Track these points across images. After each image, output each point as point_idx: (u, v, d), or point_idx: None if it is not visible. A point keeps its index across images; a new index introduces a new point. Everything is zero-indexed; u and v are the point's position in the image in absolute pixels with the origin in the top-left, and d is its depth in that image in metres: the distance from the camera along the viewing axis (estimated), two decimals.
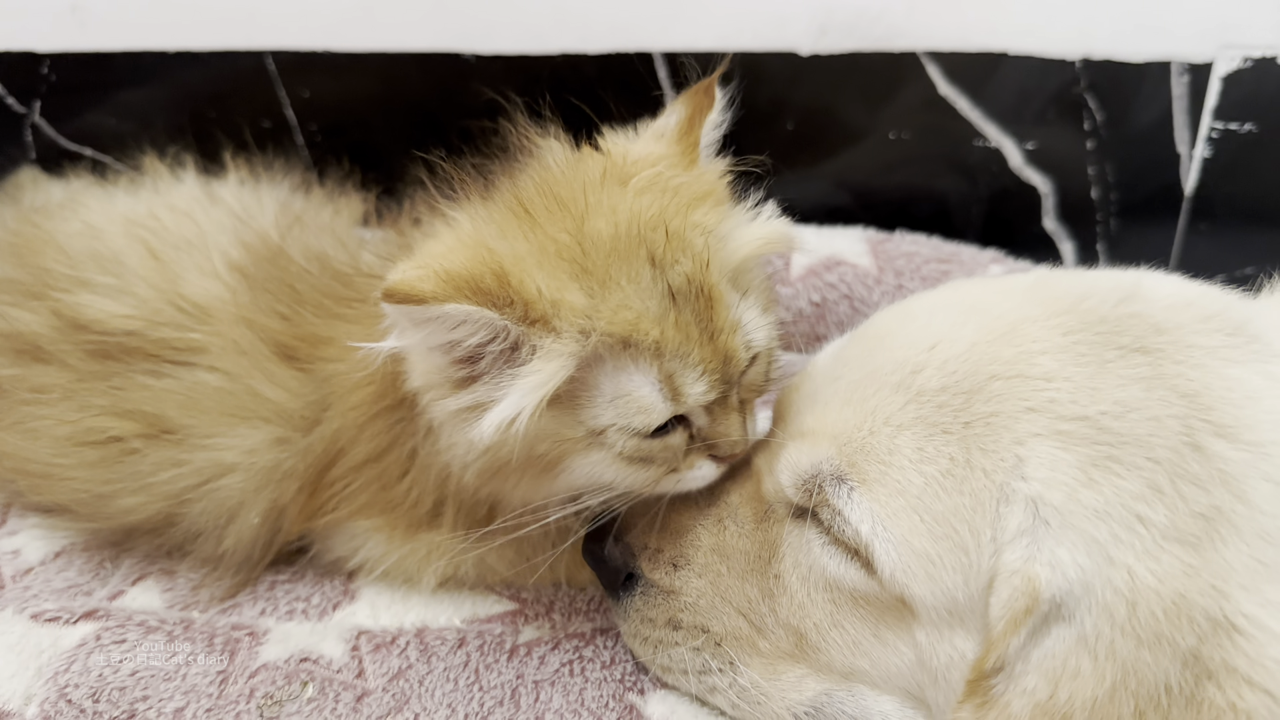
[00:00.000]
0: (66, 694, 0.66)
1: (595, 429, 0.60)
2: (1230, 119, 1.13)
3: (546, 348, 0.56)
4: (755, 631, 0.65)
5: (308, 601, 0.76)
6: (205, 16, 1.11)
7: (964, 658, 0.57)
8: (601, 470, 0.62)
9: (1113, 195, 1.17)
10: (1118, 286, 0.62)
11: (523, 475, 0.63)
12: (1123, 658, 0.52)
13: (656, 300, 0.58)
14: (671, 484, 0.65)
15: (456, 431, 0.61)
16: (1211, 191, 1.17)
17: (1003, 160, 1.16)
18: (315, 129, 1.18)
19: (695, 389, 0.60)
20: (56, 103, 1.17)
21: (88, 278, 0.78)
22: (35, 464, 0.76)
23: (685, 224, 0.61)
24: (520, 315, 0.56)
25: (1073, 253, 1.20)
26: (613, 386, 0.59)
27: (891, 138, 1.16)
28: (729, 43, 1.11)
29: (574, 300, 0.57)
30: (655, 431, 0.61)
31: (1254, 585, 0.52)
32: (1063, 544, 0.53)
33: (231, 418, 0.73)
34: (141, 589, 0.77)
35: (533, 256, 0.58)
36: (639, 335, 0.57)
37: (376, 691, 0.67)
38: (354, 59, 1.13)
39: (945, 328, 0.62)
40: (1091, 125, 1.14)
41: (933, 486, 0.57)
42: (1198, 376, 0.56)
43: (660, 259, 0.59)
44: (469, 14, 1.10)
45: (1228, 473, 0.54)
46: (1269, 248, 1.19)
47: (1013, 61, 1.11)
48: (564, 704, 0.67)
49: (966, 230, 1.19)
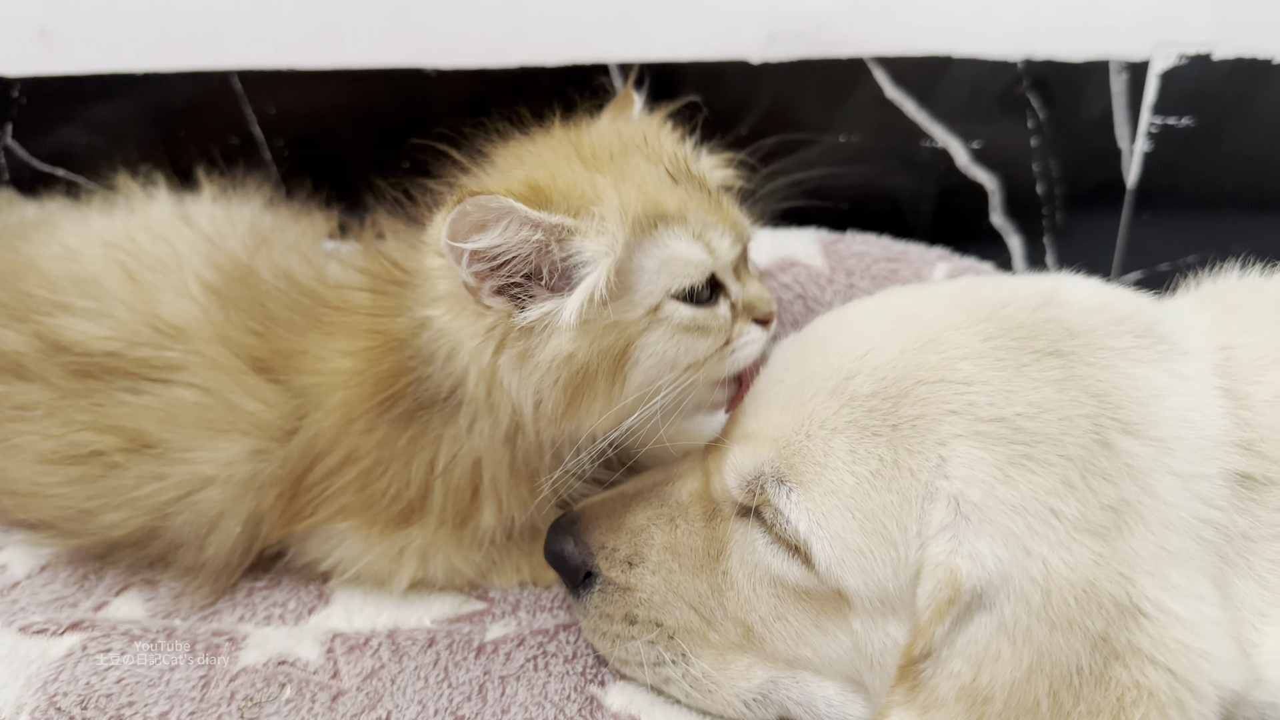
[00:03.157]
0: (56, 702, 0.69)
1: (651, 305, 0.66)
2: (1169, 114, 1.17)
3: (597, 229, 0.63)
4: (706, 624, 0.69)
5: (284, 607, 0.79)
6: (171, 38, 1.13)
7: (896, 644, 0.61)
8: (664, 347, 0.67)
9: (1057, 190, 1.21)
10: (1036, 292, 0.66)
11: (597, 382, 0.66)
12: (1038, 642, 0.55)
13: (664, 181, 0.69)
14: (727, 361, 0.71)
15: (533, 357, 0.65)
16: (1153, 184, 1.20)
17: (950, 159, 1.20)
18: (282, 144, 1.20)
19: (723, 243, 0.69)
20: (28, 125, 1.19)
21: (68, 301, 0.80)
22: (20, 482, 0.79)
23: (658, 138, 0.74)
24: (567, 209, 0.63)
25: (1020, 247, 1.24)
26: (656, 257, 0.66)
27: (842, 140, 1.20)
28: (681, 53, 1.14)
29: (603, 185, 0.65)
30: (702, 300, 0.68)
31: (1158, 571, 0.56)
32: (982, 538, 0.57)
33: (209, 431, 0.76)
34: (125, 599, 0.81)
35: (553, 168, 0.67)
36: (666, 204, 0.66)
37: (351, 691, 0.71)
38: (318, 76, 1.15)
39: (877, 335, 0.66)
40: (1035, 123, 1.18)
41: (864, 486, 0.61)
42: (1107, 377, 0.61)
43: (652, 156, 0.71)
44: (430, 31, 1.13)
45: (1134, 467, 0.58)
46: (1210, 236, 1.24)
47: (957, 64, 1.15)
48: (529, 697, 0.71)
49: (917, 227, 1.23)
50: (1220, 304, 0.68)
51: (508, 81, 1.16)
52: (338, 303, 0.78)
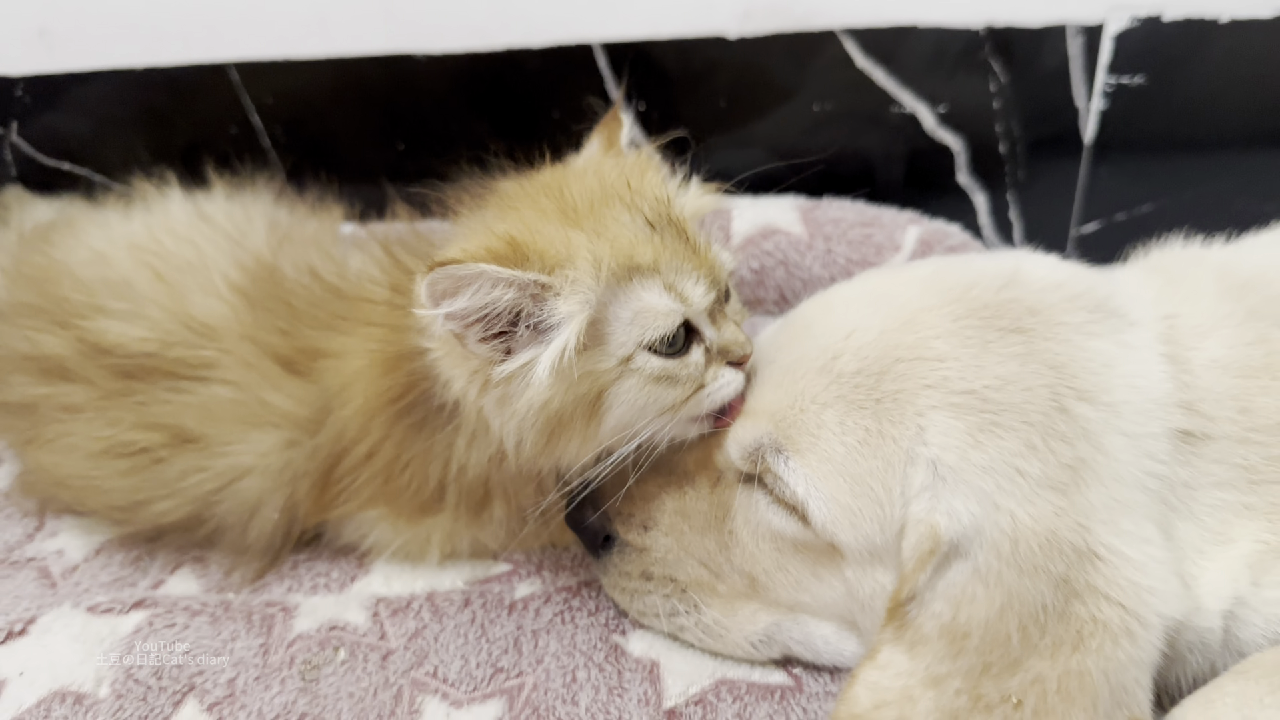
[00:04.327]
0: (133, 674, 0.76)
1: (624, 355, 0.68)
2: (1122, 73, 1.23)
3: (569, 289, 0.65)
4: (714, 578, 0.77)
5: (328, 576, 0.87)
6: (168, 33, 1.17)
7: (885, 589, 0.69)
8: (636, 396, 0.69)
9: (1019, 148, 1.28)
10: (999, 274, 0.72)
11: (573, 425, 0.70)
12: (1008, 585, 0.63)
13: (642, 231, 0.69)
14: (703, 402, 0.72)
15: (511, 403, 0.68)
16: (1109, 139, 1.27)
17: (917, 123, 1.26)
18: (279, 131, 1.25)
19: (696, 291, 0.69)
20: (32, 122, 1.23)
21: (103, 304, 0.85)
22: (74, 477, 0.84)
23: (642, 181, 0.73)
24: (541, 266, 0.64)
25: (985, 202, 1.31)
26: (629, 309, 0.68)
27: (816, 109, 1.25)
28: (661, 30, 1.19)
29: (578, 241, 0.66)
30: (674, 350, 0.70)
31: (1111, 520, 0.64)
32: (957, 496, 0.64)
33: (245, 425, 0.82)
34: (179, 577, 0.87)
35: (532, 224, 0.68)
36: (639, 256, 0.67)
37: (399, 650, 0.79)
38: (312, 65, 1.20)
39: (858, 318, 0.73)
40: (997, 86, 1.24)
41: (852, 453, 0.68)
42: (1064, 350, 0.68)
43: (632, 204, 0.70)
44: (418, 17, 1.17)
45: (1088, 430, 0.65)
46: (1163, 186, 1.31)
47: (922, 33, 1.20)
48: (559, 648, 0.78)
49: (888, 187, 1.29)
50: (1165, 275, 0.76)
51: (495, 64, 1.21)
52: (356, 304, 0.82)
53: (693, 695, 0.75)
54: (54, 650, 0.78)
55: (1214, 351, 0.70)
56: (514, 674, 0.76)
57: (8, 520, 0.94)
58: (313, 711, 0.73)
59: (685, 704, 0.74)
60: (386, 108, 1.24)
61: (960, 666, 0.64)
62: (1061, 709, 0.61)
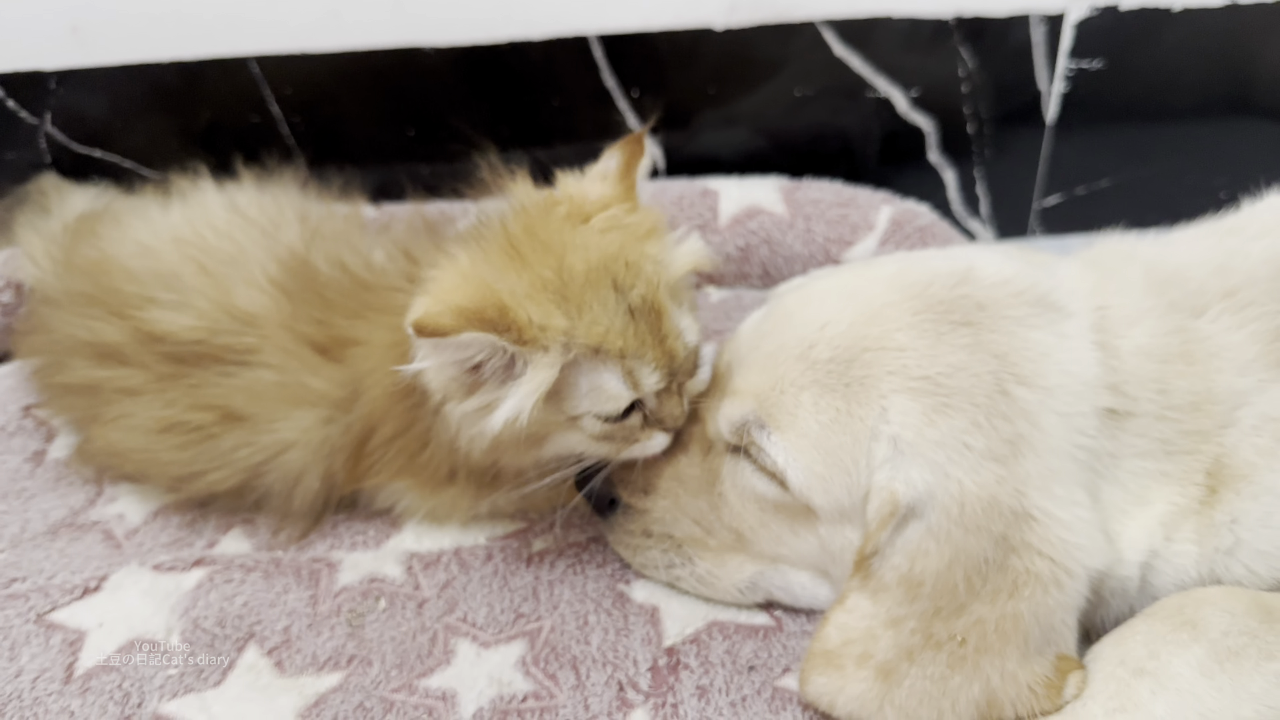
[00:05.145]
0: (199, 624, 0.87)
1: (573, 415, 0.79)
2: (1082, 58, 1.32)
3: (538, 360, 0.73)
4: (706, 534, 0.88)
5: (366, 534, 0.97)
6: (192, 29, 1.24)
7: (852, 544, 0.79)
8: (575, 444, 0.82)
9: (986, 129, 1.37)
10: (953, 272, 0.81)
11: (515, 450, 0.82)
12: (955, 541, 0.73)
13: (620, 317, 0.76)
14: (634, 451, 0.84)
15: (470, 426, 0.79)
16: (1070, 119, 1.37)
17: (891, 106, 1.35)
18: (298, 120, 1.33)
19: (649, 380, 0.78)
20: (65, 113, 1.31)
21: (154, 295, 0.93)
22: (134, 451, 0.94)
23: (640, 255, 0.79)
24: (517, 338, 0.72)
25: (954, 179, 1.41)
26: (588, 383, 0.77)
27: (797, 94, 1.34)
28: (652, 22, 1.27)
29: (557, 323, 0.74)
30: (618, 416, 0.79)
31: (1045, 486, 0.73)
32: (914, 467, 0.74)
33: (287, 404, 0.90)
34: (231, 537, 0.97)
35: (524, 291, 0.75)
36: (608, 345, 0.75)
37: (432, 599, 0.90)
38: (327, 58, 1.27)
39: (832, 311, 0.81)
40: (965, 72, 1.33)
41: (825, 429, 0.78)
42: (1006, 341, 0.76)
43: (621, 284, 0.77)
44: (425, 13, 1.25)
45: (1026, 410, 0.74)
46: (1120, 162, 1.41)
47: (895, 23, 1.29)
48: (572, 595, 0.90)
49: (864, 165, 1.39)
50: (1101, 269, 0.85)
51: (497, 55, 1.29)
52: (380, 295, 0.91)
53: (688, 635, 0.86)
54: (127, 604, 0.89)
55: (1139, 339, 0.79)
56: (533, 619, 0.88)
57: (70, 487, 1.04)
58: (360, 654, 0.85)
59: (682, 642, 0.85)
60: (397, 96, 1.32)
61: (915, 610, 0.74)
62: (998, 645, 0.72)
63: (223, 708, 0.80)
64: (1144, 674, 0.72)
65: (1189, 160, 1.39)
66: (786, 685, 0.81)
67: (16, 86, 1.29)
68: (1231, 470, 0.77)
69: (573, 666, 0.83)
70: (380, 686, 0.82)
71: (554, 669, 0.83)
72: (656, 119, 0.94)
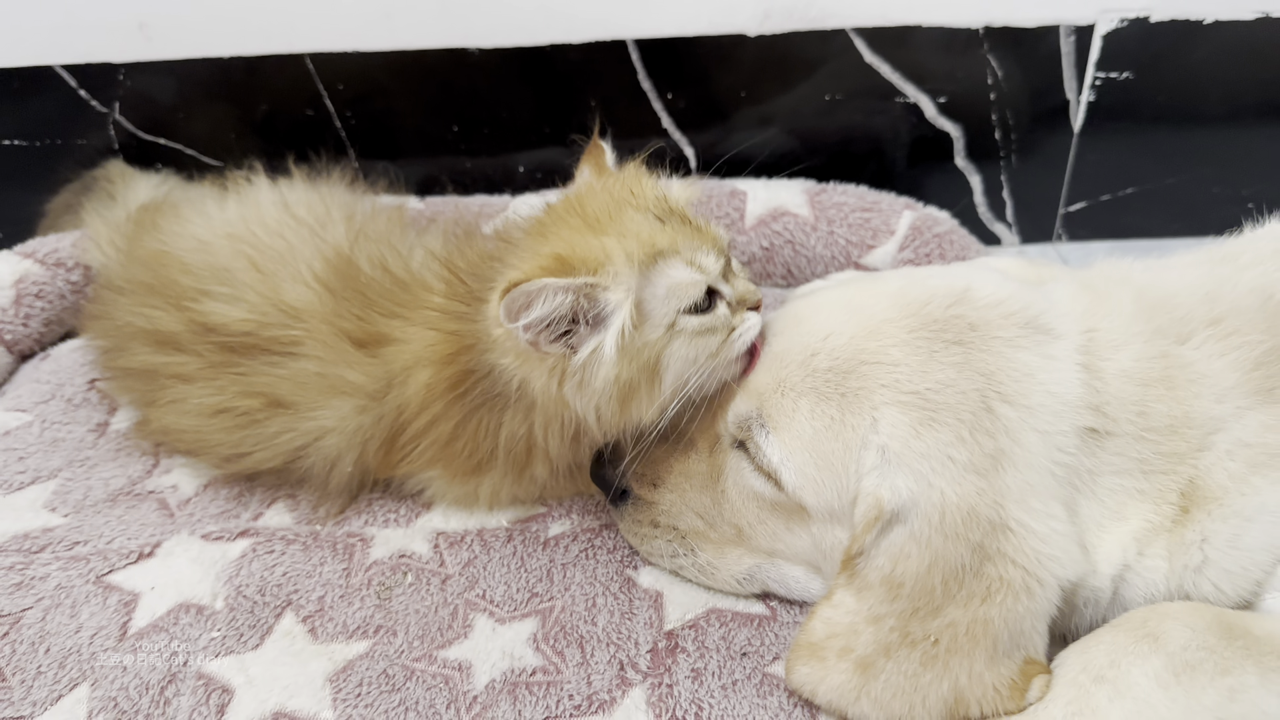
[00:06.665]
0: (241, 590, 0.94)
1: (668, 323, 0.83)
2: (1110, 69, 1.34)
3: (615, 284, 0.80)
4: (708, 527, 0.93)
5: (397, 513, 1.04)
6: (253, 28, 1.32)
7: (841, 543, 0.84)
8: (685, 351, 0.84)
9: (1013, 136, 1.40)
10: (951, 291, 0.85)
11: (640, 389, 0.85)
12: (935, 547, 0.77)
13: (654, 225, 0.85)
14: (736, 343, 0.87)
15: (589, 384, 0.83)
16: (1096, 129, 1.38)
17: (920, 112, 1.38)
18: (349, 115, 1.40)
19: (709, 260, 0.85)
20: (133, 103, 1.39)
21: (209, 288, 0.99)
22: (186, 431, 1.01)
23: (640, 187, 0.89)
24: (589, 270, 0.79)
25: (980, 184, 1.44)
26: (663, 287, 0.83)
27: (827, 99, 1.38)
28: (687, 29, 1.32)
29: (611, 247, 0.81)
30: (704, 308, 0.85)
31: (1023, 500, 0.78)
32: (899, 475, 0.78)
33: (327, 394, 0.96)
34: (274, 511, 1.05)
35: (569, 240, 0.84)
36: (660, 244, 0.83)
37: (455, 575, 0.97)
38: (378, 56, 1.34)
39: (836, 322, 0.86)
40: (993, 80, 1.35)
41: (819, 435, 0.82)
42: (994, 361, 0.81)
43: (640, 206, 0.86)
44: (471, 15, 1.31)
45: (1009, 427, 0.79)
46: (1146, 171, 1.42)
47: (925, 32, 1.32)
48: (583, 578, 0.96)
49: (892, 170, 1.42)
50: (1094, 291, 0.88)
51: (539, 56, 1.34)
52: (418, 297, 0.97)
53: (688, 620, 0.92)
54: (177, 570, 0.97)
55: (1123, 363, 0.82)
56: (546, 598, 0.94)
57: (129, 458, 1.13)
58: (386, 624, 0.92)
59: (682, 627, 0.91)
60: (444, 94, 1.39)
61: (895, 609, 0.79)
62: (968, 647, 0.77)
63: (260, 669, 0.88)
64: (1104, 681, 0.76)
65: (1217, 169, 1.40)
66: (775, 672, 0.87)
67: (88, 77, 1.37)
68: (1204, 492, 0.81)
69: (579, 645, 0.90)
70: (403, 655, 0.89)
71: (562, 646, 0.90)
72: (598, 130, 0.99)
